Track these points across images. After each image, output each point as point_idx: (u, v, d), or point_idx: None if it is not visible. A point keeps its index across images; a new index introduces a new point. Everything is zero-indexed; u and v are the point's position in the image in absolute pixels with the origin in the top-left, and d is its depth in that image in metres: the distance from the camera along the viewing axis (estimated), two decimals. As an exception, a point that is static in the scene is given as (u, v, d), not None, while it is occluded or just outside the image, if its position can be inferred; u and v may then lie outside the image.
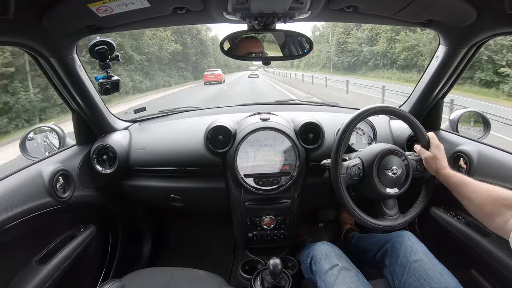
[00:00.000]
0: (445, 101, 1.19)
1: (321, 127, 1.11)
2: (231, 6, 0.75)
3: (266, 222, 1.13)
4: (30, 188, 0.86)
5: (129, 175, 1.18)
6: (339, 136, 0.89)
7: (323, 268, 0.88)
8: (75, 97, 1.03)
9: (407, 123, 0.92)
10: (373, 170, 0.86)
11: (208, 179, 1.18)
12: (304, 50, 0.90)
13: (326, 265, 0.88)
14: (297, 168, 1.06)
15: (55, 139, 1.18)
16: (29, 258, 0.89)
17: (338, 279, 0.81)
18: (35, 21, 0.70)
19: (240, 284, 1.15)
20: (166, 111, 1.46)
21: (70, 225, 1.07)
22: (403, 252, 0.86)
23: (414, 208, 0.91)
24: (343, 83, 12.54)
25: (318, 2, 0.75)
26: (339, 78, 16.03)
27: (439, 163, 0.83)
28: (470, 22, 0.79)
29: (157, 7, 0.75)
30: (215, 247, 1.62)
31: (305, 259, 1.04)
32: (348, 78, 13.42)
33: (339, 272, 0.83)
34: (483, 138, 1.13)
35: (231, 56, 0.88)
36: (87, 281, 1.16)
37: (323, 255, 0.92)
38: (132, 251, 1.45)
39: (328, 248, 0.95)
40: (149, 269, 0.95)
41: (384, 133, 1.20)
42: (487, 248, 0.87)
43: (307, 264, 1.01)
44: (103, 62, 0.93)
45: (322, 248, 0.96)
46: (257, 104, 1.54)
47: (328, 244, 0.98)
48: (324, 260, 0.91)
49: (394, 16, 0.84)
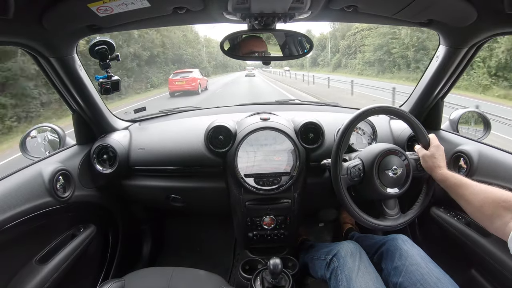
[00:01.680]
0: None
1: (322, 127, 1.11)
2: (231, 6, 0.75)
3: (266, 222, 1.13)
4: (30, 187, 0.86)
5: (129, 175, 1.18)
6: (339, 136, 0.89)
7: (348, 264, 0.87)
8: (75, 97, 1.03)
9: (407, 123, 0.92)
10: (373, 170, 0.86)
11: (208, 179, 1.18)
12: (304, 50, 0.90)
13: (351, 262, 0.87)
14: (297, 168, 1.06)
15: (56, 138, 1.18)
16: (29, 258, 0.89)
17: (359, 275, 0.81)
18: (35, 21, 0.70)
19: (240, 284, 1.15)
20: (166, 111, 1.47)
21: (70, 224, 1.07)
22: (398, 256, 0.86)
23: (415, 207, 0.91)
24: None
25: (318, 2, 0.75)
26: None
27: (436, 162, 0.83)
28: (470, 22, 0.79)
29: (157, 7, 0.75)
30: (215, 247, 1.62)
31: (323, 256, 1.01)
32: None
33: (359, 269, 0.83)
34: (483, 138, 1.13)
35: (232, 56, 0.88)
36: (87, 280, 1.16)
37: (349, 252, 0.92)
38: (132, 251, 1.45)
39: (353, 246, 0.94)
40: (149, 269, 0.95)
41: (385, 133, 1.20)
42: (487, 248, 0.86)
43: (325, 261, 0.98)
44: (103, 62, 0.93)
45: (348, 246, 0.95)
46: (257, 104, 1.54)
47: (353, 243, 0.97)
48: (350, 257, 0.90)
49: (394, 16, 0.84)
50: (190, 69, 14.07)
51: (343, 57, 29.15)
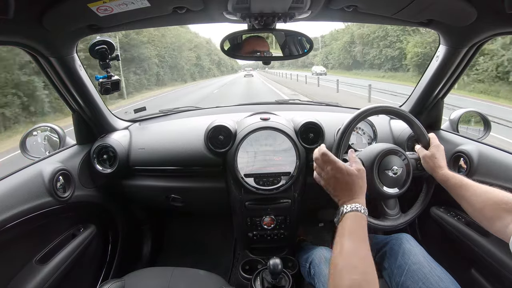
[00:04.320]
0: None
1: (321, 127, 1.11)
2: (231, 5, 0.75)
3: (266, 222, 1.13)
4: (30, 187, 0.86)
5: (129, 174, 1.18)
6: (339, 136, 0.88)
7: (322, 271, 0.88)
8: (75, 97, 1.03)
9: (407, 123, 0.91)
10: (373, 170, 0.86)
11: (208, 179, 1.18)
12: (304, 49, 0.90)
13: (325, 269, 0.88)
14: (297, 168, 1.06)
15: (55, 138, 1.18)
16: (29, 258, 0.89)
17: None
18: (35, 21, 0.70)
19: (240, 284, 1.15)
20: (166, 110, 1.47)
21: (70, 225, 1.07)
22: (401, 254, 0.86)
23: (415, 207, 0.90)
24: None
25: (318, 2, 0.75)
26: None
27: (437, 162, 0.83)
28: (470, 22, 0.79)
29: (157, 6, 0.75)
30: (215, 247, 1.62)
31: (304, 263, 1.05)
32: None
33: None
34: (483, 138, 1.13)
35: (232, 56, 0.88)
36: (87, 280, 1.16)
37: (322, 259, 0.93)
38: (132, 251, 1.45)
39: (327, 253, 0.96)
40: (149, 269, 0.95)
41: (385, 133, 1.20)
42: (487, 248, 0.86)
43: (305, 268, 1.02)
44: (103, 62, 0.93)
45: (321, 253, 0.97)
46: (257, 104, 1.54)
47: (326, 249, 1.00)
48: (324, 264, 0.91)
49: (394, 15, 0.84)
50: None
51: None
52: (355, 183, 0.65)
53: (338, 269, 0.51)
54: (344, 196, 0.64)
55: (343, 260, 0.52)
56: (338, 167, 0.65)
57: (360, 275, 0.49)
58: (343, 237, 0.56)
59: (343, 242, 0.55)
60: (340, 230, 0.58)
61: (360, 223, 0.59)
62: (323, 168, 0.68)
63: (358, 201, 0.62)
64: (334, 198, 0.67)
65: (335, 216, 0.64)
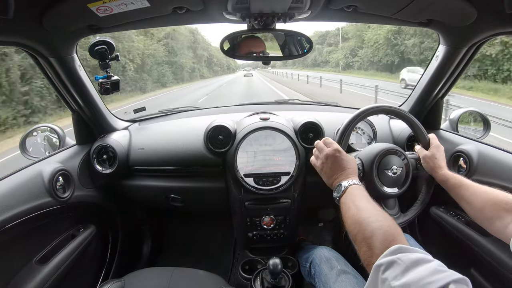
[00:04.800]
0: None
1: (321, 127, 1.11)
2: (231, 6, 0.75)
3: (266, 222, 1.13)
4: (30, 188, 0.86)
5: (129, 175, 1.18)
6: (339, 135, 0.88)
7: (323, 271, 0.88)
8: (75, 97, 1.03)
9: (407, 123, 0.91)
10: (373, 170, 0.86)
11: (208, 179, 1.18)
12: (304, 49, 0.90)
13: (326, 269, 0.88)
14: (297, 168, 1.06)
15: (55, 138, 1.18)
16: (29, 258, 0.89)
17: (337, 282, 0.82)
18: (35, 21, 0.70)
19: (240, 284, 1.15)
20: (165, 111, 1.47)
21: (70, 225, 1.07)
22: None
23: (415, 207, 0.91)
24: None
25: (318, 2, 0.75)
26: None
27: (437, 162, 0.83)
28: (470, 22, 0.79)
29: (157, 7, 0.75)
30: (215, 247, 1.62)
31: (304, 263, 1.05)
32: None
33: (338, 275, 0.84)
34: (483, 138, 1.13)
35: (232, 56, 0.88)
36: (87, 281, 1.16)
37: (323, 259, 0.93)
38: (132, 251, 1.45)
39: (327, 252, 0.96)
40: (149, 269, 0.95)
41: (384, 133, 1.20)
42: (487, 247, 0.87)
43: (306, 268, 1.02)
44: (103, 62, 0.93)
45: (322, 252, 0.97)
46: (256, 104, 1.54)
47: (327, 249, 1.00)
48: (324, 263, 0.91)
49: (394, 15, 0.84)
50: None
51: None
52: (350, 162, 0.72)
53: (362, 220, 0.54)
54: (341, 175, 0.70)
55: (364, 213, 0.56)
56: (338, 148, 0.74)
57: (385, 220, 0.53)
58: (355, 201, 0.60)
59: (357, 203, 0.59)
60: (349, 198, 0.63)
61: (364, 192, 0.63)
62: (323, 149, 0.75)
63: (354, 180, 0.67)
64: (329, 179, 0.72)
65: (335, 192, 0.68)
